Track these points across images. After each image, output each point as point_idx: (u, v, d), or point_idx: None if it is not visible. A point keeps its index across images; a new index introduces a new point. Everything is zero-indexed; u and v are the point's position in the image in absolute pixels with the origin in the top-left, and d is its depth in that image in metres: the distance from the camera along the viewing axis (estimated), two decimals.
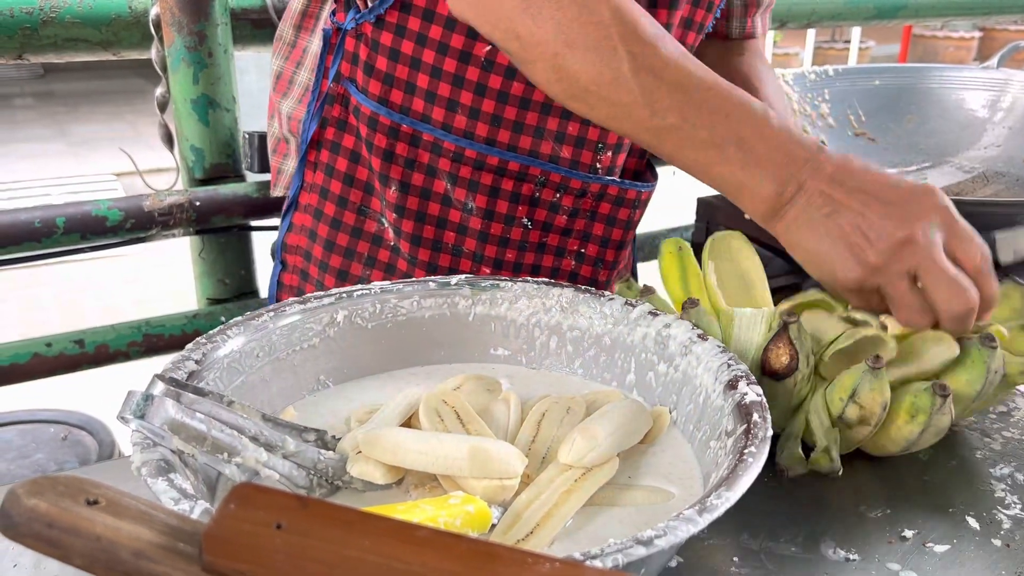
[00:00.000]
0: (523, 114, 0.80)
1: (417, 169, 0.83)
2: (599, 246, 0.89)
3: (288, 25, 0.95)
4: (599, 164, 0.85)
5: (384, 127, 0.82)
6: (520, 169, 0.82)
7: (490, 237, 0.85)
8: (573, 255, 0.89)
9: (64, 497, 0.33)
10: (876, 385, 0.60)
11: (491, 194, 0.83)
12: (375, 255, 0.88)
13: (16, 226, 1.09)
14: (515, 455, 0.53)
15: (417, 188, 0.84)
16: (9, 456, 1.41)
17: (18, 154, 5.10)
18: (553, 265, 0.89)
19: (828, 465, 0.62)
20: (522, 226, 0.85)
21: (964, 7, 1.87)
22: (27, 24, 1.10)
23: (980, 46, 7.63)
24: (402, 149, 0.82)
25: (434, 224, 0.85)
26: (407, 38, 0.79)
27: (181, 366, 0.56)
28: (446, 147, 0.81)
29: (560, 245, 0.88)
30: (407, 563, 0.32)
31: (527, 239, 0.86)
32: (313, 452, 0.54)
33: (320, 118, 0.86)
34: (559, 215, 0.86)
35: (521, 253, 0.87)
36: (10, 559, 0.55)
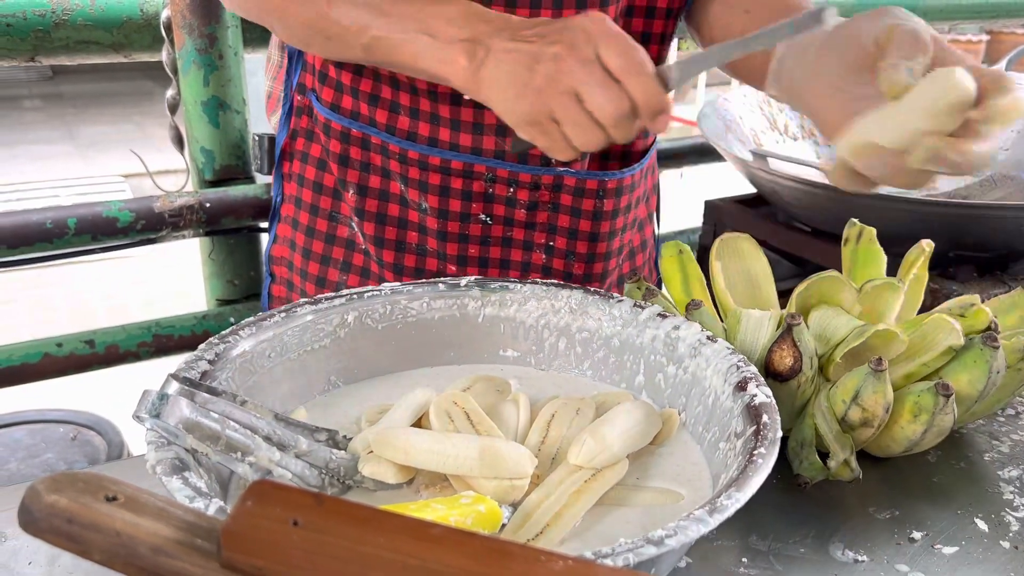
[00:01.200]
0: (456, 110, 0.80)
1: (372, 172, 0.85)
2: (568, 238, 0.87)
3: (274, 46, 0.98)
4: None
5: (336, 132, 0.85)
6: (465, 167, 0.82)
7: (449, 235, 0.85)
8: (542, 248, 0.87)
9: (84, 493, 0.34)
10: (878, 387, 0.60)
11: (441, 193, 0.83)
12: (349, 260, 0.89)
13: (28, 227, 1.10)
14: (525, 455, 0.54)
15: (375, 191, 0.85)
16: (19, 455, 1.42)
17: (27, 155, 5.12)
18: (523, 259, 0.88)
19: (850, 475, 0.63)
20: (480, 222, 0.85)
21: (972, 10, 1.87)
22: (39, 26, 1.11)
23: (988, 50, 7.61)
24: (356, 153, 0.84)
25: (395, 225, 0.86)
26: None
27: (195, 366, 0.57)
28: (392, 149, 0.83)
29: (527, 239, 0.87)
30: (422, 560, 0.32)
31: (489, 234, 0.86)
32: (325, 452, 0.55)
33: (288, 130, 0.89)
34: (517, 209, 0.85)
35: (485, 248, 0.86)
36: (25, 556, 0.55)
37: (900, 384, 0.64)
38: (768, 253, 0.78)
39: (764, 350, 0.64)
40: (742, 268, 0.73)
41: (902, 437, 0.63)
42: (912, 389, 0.63)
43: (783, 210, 1.20)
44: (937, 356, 0.64)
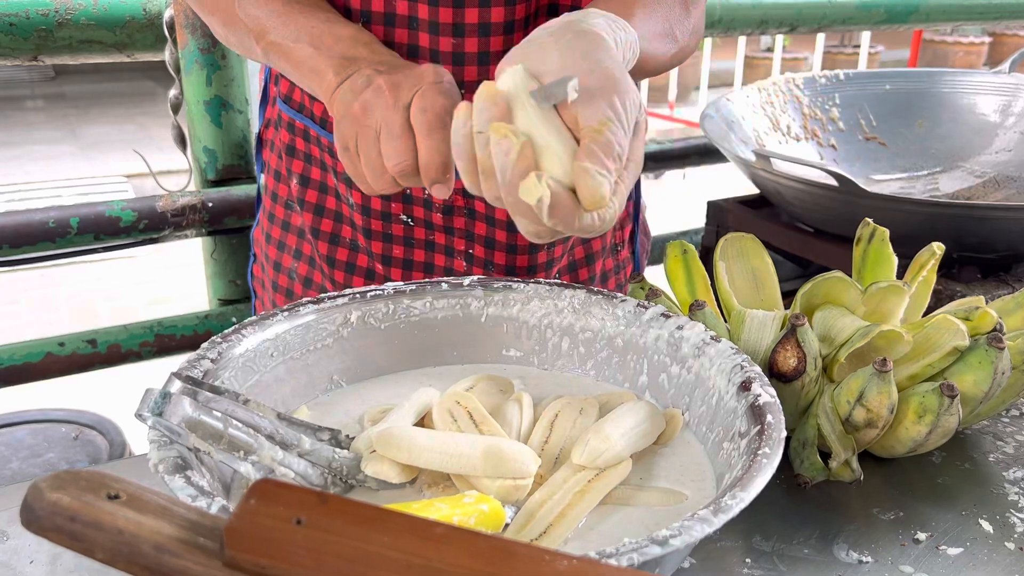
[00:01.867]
0: None
1: (313, 164, 0.86)
2: (485, 247, 0.85)
3: None
4: None
5: (284, 123, 0.86)
6: None
7: (373, 233, 0.85)
8: (463, 255, 0.86)
9: (86, 492, 0.34)
10: (883, 388, 0.60)
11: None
12: (300, 248, 0.90)
13: (31, 226, 1.10)
14: (528, 455, 0.54)
15: (316, 182, 0.86)
16: (21, 455, 1.42)
17: (29, 156, 5.12)
18: (445, 265, 0.87)
19: (851, 476, 0.62)
20: (402, 223, 0.84)
21: (975, 12, 1.86)
22: (42, 26, 1.11)
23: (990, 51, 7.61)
24: (300, 144, 0.86)
25: (332, 218, 0.87)
26: None
27: (197, 365, 0.56)
28: (323, 142, 0.84)
29: (448, 244, 0.86)
30: (426, 559, 0.32)
31: (412, 235, 0.85)
32: (328, 451, 0.54)
33: (263, 118, 0.91)
34: (434, 212, 0.84)
35: (409, 249, 0.86)
36: (27, 555, 0.55)
37: (905, 385, 0.64)
38: (771, 254, 0.78)
39: (768, 350, 0.63)
40: (746, 267, 0.73)
41: (906, 438, 0.63)
42: (917, 390, 0.62)
43: (786, 210, 1.20)
44: (942, 357, 0.63)
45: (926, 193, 1.26)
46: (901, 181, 1.30)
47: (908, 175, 1.31)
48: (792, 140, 1.34)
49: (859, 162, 1.34)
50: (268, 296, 0.96)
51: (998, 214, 1.01)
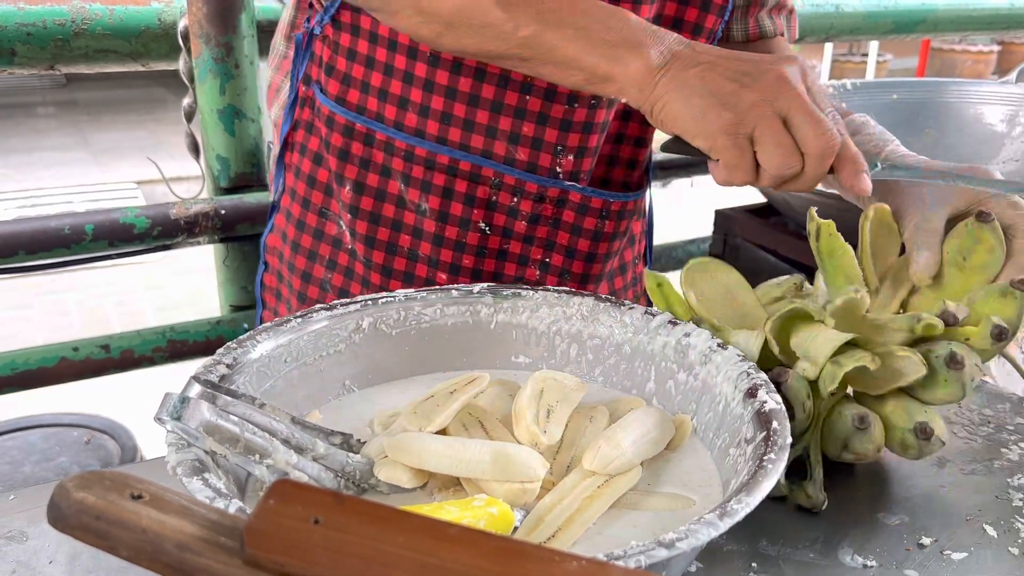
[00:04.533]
0: (472, 111, 0.80)
1: (372, 169, 0.83)
2: (565, 256, 0.86)
3: (280, 36, 0.97)
4: (559, 168, 0.83)
5: (340, 126, 0.83)
6: (472, 169, 0.81)
7: (445, 240, 0.84)
8: (537, 264, 0.87)
9: (111, 491, 0.35)
10: (865, 439, 0.61)
11: (444, 195, 0.82)
12: (335, 258, 0.88)
13: (46, 233, 1.12)
14: (537, 459, 0.55)
15: (372, 189, 0.84)
16: (34, 459, 1.43)
17: (41, 162, 5.16)
18: (516, 274, 0.87)
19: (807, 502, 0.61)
20: (479, 231, 0.84)
21: (983, 22, 1.87)
22: (59, 35, 1.13)
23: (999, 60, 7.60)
24: (357, 149, 0.83)
25: (388, 226, 0.85)
26: (361, 37, 0.80)
27: (213, 370, 0.58)
28: (398, 146, 0.82)
29: (523, 253, 0.86)
30: (440, 559, 0.33)
31: (486, 244, 0.85)
32: (341, 455, 0.56)
33: (292, 120, 0.88)
34: (518, 221, 0.84)
35: (479, 259, 0.85)
36: (46, 555, 0.56)
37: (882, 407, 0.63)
38: (777, 262, 0.78)
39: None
40: (717, 285, 0.71)
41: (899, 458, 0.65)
42: (896, 425, 0.62)
43: (792, 219, 1.21)
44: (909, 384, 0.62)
45: None
46: None
47: None
48: None
49: None
50: (285, 308, 0.94)
51: None
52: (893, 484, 0.64)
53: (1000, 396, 0.77)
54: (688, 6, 0.82)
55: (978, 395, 0.77)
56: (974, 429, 0.71)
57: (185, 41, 1.20)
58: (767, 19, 0.93)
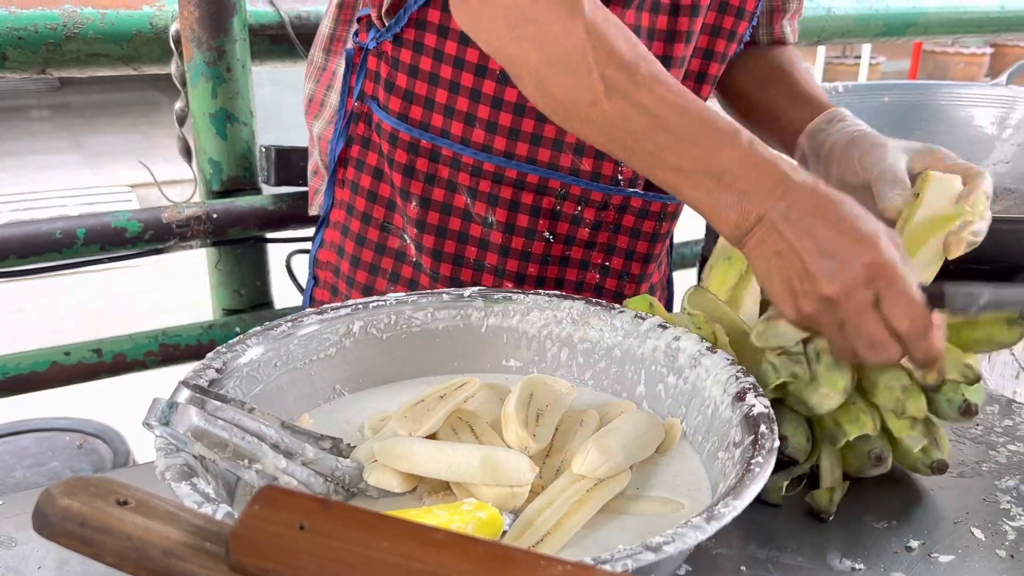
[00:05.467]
0: (540, 126, 0.81)
1: (437, 184, 0.84)
2: (624, 259, 0.89)
3: (318, 49, 0.98)
4: (620, 176, 0.85)
5: (404, 143, 0.84)
6: (539, 182, 0.83)
7: (511, 251, 0.86)
8: (597, 268, 0.89)
9: (96, 498, 0.35)
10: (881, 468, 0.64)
11: (511, 208, 0.84)
12: (398, 271, 0.89)
13: (38, 236, 1.11)
14: (526, 463, 0.55)
15: (438, 203, 0.85)
16: (26, 463, 1.43)
17: (34, 166, 5.15)
18: (577, 279, 0.89)
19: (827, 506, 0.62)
20: (544, 240, 0.86)
21: (973, 24, 1.88)
22: (51, 39, 1.13)
23: (992, 62, 7.62)
24: (422, 164, 0.84)
25: (455, 239, 0.86)
26: (425, 54, 0.81)
27: (203, 374, 0.58)
28: (465, 161, 0.83)
29: (584, 258, 0.88)
30: (425, 564, 0.33)
31: (549, 252, 0.87)
32: (331, 460, 0.56)
33: (346, 136, 0.88)
34: (581, 228, 0.86)
35: (543, 267, 0.87)
36: (35, 561, 0.56)
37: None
38: None
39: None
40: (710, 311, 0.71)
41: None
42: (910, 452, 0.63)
43: None
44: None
45: None
46: None
47: None
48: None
49: None
50: None
51: (994, 226, 1.02)
52: (882, 488, 0.65)
53: (989, 399, 0.77)
54: (725, 14, 0.85)
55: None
56: (963, 432, 0.72)
57: (177, 45, 1.20)
58: (787, 25, 0.97)
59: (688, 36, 0.81)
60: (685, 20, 0.81)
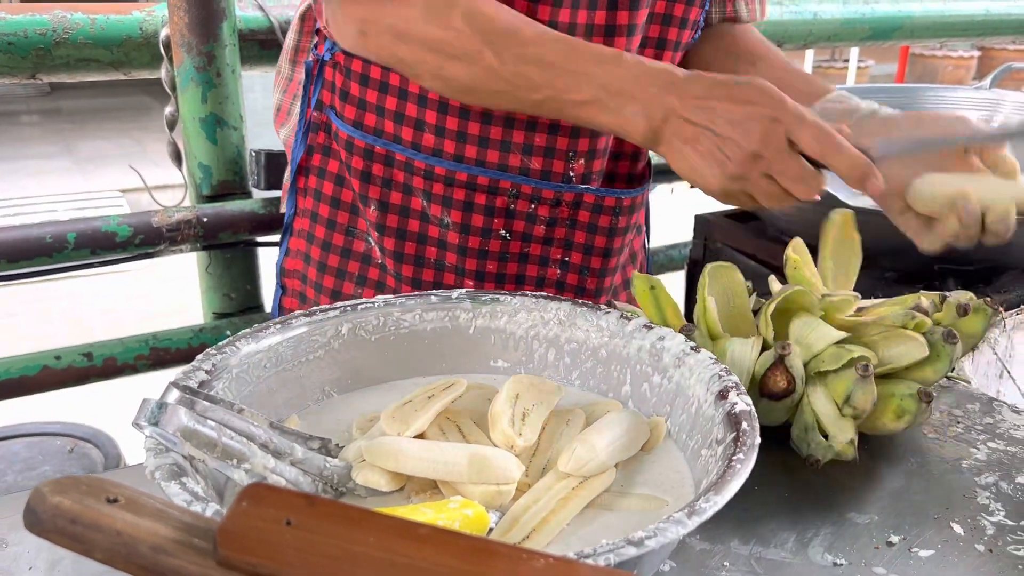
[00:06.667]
0: (486, 128, 0.83)
1: (394, 188, 0.87)
2: (583, 254, 0.90)
3: (285, 59, 1.01)
4: (572, 172, 0.86)
5: (359, 149, 0.86)
6: (490, 183, 0.84)
7: (469, 250, 0.87)
8: (557, 264, 0.90)
9: (86, 496, 0.36)
10: (867, 389, 0.65)
11: (465, 208, 0.85)
12: (365, 274, 0.91)
13: (28, 241, 1.12)
14: (512, 462, 0.55)
15: (396, 206, 0.87)
16: (16, 468, 1.43)
17: (25, 171, 5.14)
18: (538, 275, 0.90)
19: (852, 453, 0.66)
20: (500, 238, 0.87)
21: (958, 28, 1.90)
22: (40, 44, 1.13)
23: (979, 65, 7.68)
24: (378, 170, 0.86)
25: (415, 240, 0.88)
26: (374, 64, 0.83)
27: (192, 375, 0.58)
28: (417, 165, 0.85)
29: (543, 255, 0.89)
30: (409, 558, 0.34)
31: (508, 250, 0.88)
32: (319, 459, 0.56)
33: (305, 145, 0.91)
34: (537, 225, 0.87)
35: (503, 264, 0.88)
36: (26, 562, 0.57)
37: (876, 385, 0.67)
38: (757, 267, 0.80)
39: (749, 374, 0.67)
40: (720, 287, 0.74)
41: (884, 430, 0.69)
42: (895, 392, 0.68)
43: (771, 224, 1.22)
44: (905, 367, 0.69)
45: None
46: None
47: None
48: None
49: None
50: None
51: None
52: (864, 484, 0.66)
53: (970, 397, 0.79)
54: (675, 2, 0.85)
55: (948, 396, 0.78)
56: (943, 430, 0.73)
57: (167, 50, 1.20)
58: (743, 6, 0.97)
59: (630, 29, 0.81)
60: (625, 14, 0.80)
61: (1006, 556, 0.58)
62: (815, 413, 0.67)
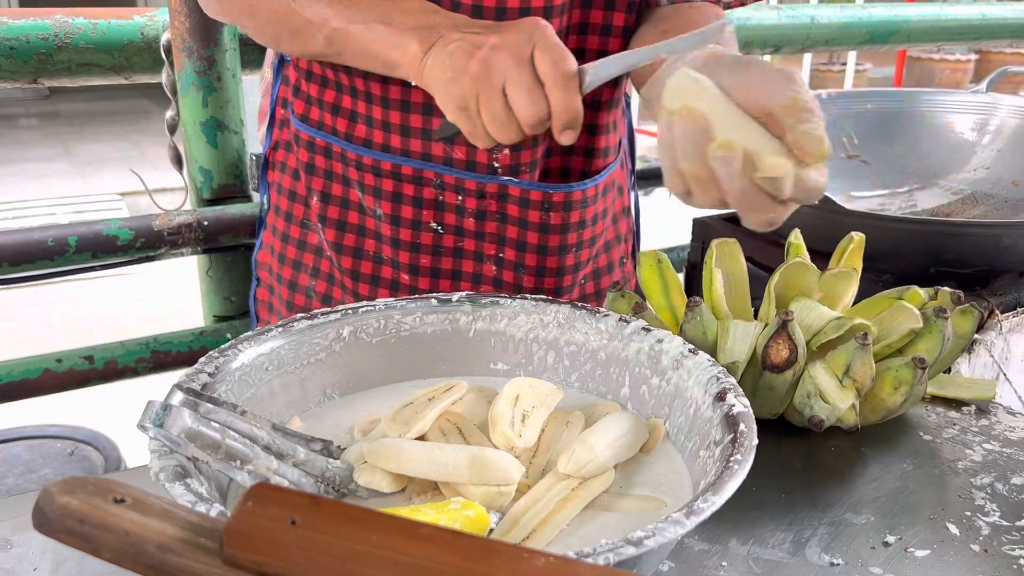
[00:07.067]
0: (407, 117, 0.84)
1: (334, 180, 0.89)
2: (516, 250, 0.88)
3: (266, 65, 1.05)
4: (497, 163, 0.84)
5: (304, 141, 0.89)
6: (414, 173, 0.85)
7: (401, 243, 0.88)
8: (492, 260, 0.89)
9: (94, 496, 0.36)
10: (866, 359, 0.68)
11: (394, 199, 0.86)
12: (318, 266, 0.93)
13: (30, 245, 1.12)
14: (513, 463, 0.56)
15: (337, 198, 0.89)
16: (17, 470, 1.43)
17: (24, 174, 5.14)
18: (474, 270, 0.89)
19: (853, 420, 0.69)
20: (432, 231, 0.87)
21: (955, 32, 1.91)
22: (42, 49, 1.14)
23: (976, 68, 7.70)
24: (320, 162, 0.89)
25: (354, 232, 0.89)
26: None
27: (195, 378, 0.59)
28: (349, 156, 0.87)
29: (477, 249, 0.88)
30: (412, 556, 0.34)
31: (441, 243, 0.88)
32: (321, 461, 0.57)
33: (271, 140, 0.94)
34: (467, 218, 0.87)
35: (436, 258, 0.88)
36: (30, 563, 0.57)
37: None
38: (754, 269, 0.81)
39: (751, 349, 0.69)
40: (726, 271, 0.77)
41: (882, 408, 0.71)
42: (890, 365, 0.70)
43: None
44: (900, 338, 0.72)
45: (905, 210, 1.29)
46: (881, 198, 1.34)
47: (888, 192, 1.35)
48: None
49: (841, 180, 1.37)
50: (277, 319, 0.97)
51: (973, 230, 1.04)
52: (860, 485, 0.66)
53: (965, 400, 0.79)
54: None
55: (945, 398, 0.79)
56: (939, 432, 0.73)
57: (168, 54, 1.21)
58: None
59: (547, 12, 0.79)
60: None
61: (1001, 556, 0.58)
62: (817, 386, 0.69)
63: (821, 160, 0.59)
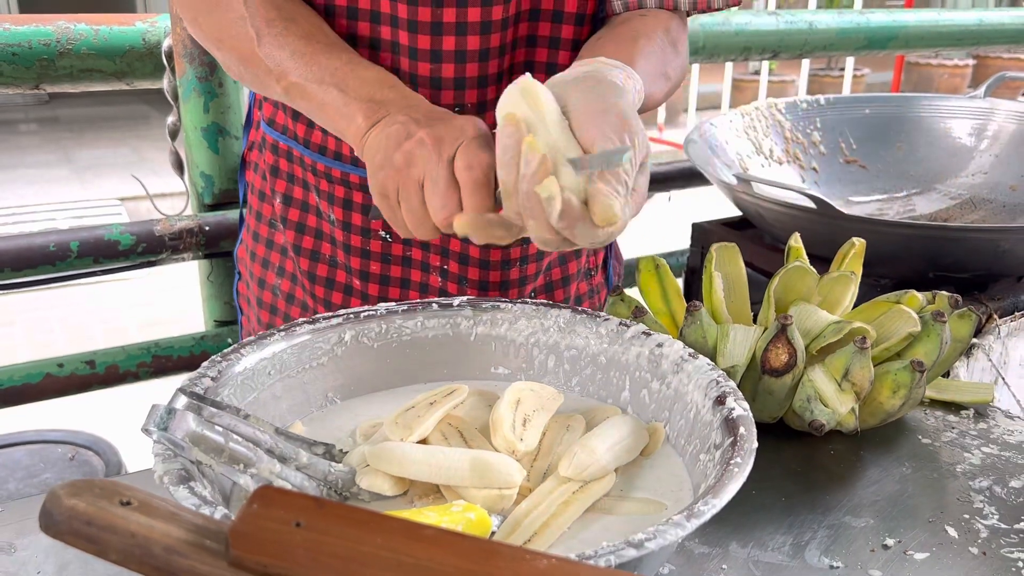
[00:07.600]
0: None
1: (295, 183, 0.90)
2: (459, 263, 0.88)
3: None
4: None
5: (270, 144, 0.91)
6: (361, 181, 0.86)
7: (352, 248, 0.89)
8: (438, 271, 0.89)
9: (100, 498, 0.37)
10: (864, 363, 0.69)
11: (345, 206, 0.88)
12: (283, 265, 0.94)
13: (31, 250, 1.13)
14: (514, 466, 0.56)
15: (298, 201, 0.90)
16: (18, 475, 1.44)
17: (23, 179, 5.14)
18: (421, 280, 0.90)
19: (853, 423, 0.70)
20: (381, 239, 0.88)
21: (952, 38, 1.92)
22: (44, 55, 1.14)
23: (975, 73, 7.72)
24: (284, 165, 0.90)
25: (312, 235, 0.91)
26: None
27: (198, 383, 0.59)
28: (307, 161, 0.88)
29: (424, 260, 0.89)
30: (416, 558, 0.35)
31: (390, 252, 0.89)
32: (324, 464, 0.57)
33: (248, 141, 0.96)
34: None
35: (386, 266, 0.89)
36: (34, 566, 0.58)
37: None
38: (753, 274, 0.82)
39: (750, 352, 0.69)
40: (728, 274, 0.78)
41: (881, 411, 0.72)
42: (889, 368, 0.71)
43: (767, 232, 1.23)
44: (898, 341, 0.72)
45: (903, 214, 1.29)
46: (879, 203, 1.34)
47: (886, 197, 1.35)
48: (775, 163, 1.38)
49: (839, 184, 1.37)
50: (254, 312, 0.99)
51: (971, 235, 1.05)
52: (860, 488, 0.67)
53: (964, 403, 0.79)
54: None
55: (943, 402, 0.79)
56: (937, 435, 0.74)
57: (169, 60, 1.22)
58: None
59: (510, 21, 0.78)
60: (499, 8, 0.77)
61: (999, 559, 0.59)
62: (816, 390, 0.70)
63: (608, 224, 0.57)
